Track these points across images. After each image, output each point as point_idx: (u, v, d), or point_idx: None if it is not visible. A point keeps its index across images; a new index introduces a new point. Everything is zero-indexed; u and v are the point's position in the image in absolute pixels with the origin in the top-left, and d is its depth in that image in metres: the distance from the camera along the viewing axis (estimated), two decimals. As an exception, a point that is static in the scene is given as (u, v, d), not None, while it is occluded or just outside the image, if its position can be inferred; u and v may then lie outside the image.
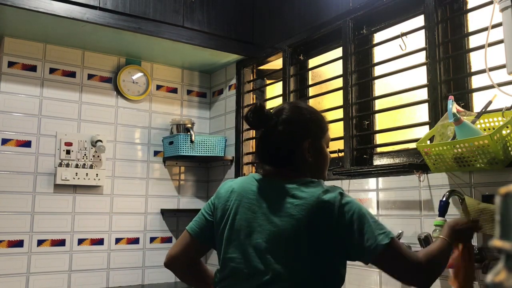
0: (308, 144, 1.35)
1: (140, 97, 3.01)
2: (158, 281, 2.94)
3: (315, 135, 1.38)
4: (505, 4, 1.49)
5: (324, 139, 1.42)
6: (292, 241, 1.23)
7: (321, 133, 1.41)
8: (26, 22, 2.46)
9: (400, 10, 2.12)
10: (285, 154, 1.36)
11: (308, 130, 1.38)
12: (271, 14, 2.84)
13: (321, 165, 1.41)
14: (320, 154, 1.40)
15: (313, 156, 1.37)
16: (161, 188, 3.04)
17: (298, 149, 1.35)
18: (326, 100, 2.54)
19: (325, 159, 1.42)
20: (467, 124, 1.54)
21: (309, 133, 1.37)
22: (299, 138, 1.36)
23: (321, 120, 1.43)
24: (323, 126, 1.43)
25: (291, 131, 1.36)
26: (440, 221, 1.56)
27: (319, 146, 1.39)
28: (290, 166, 1.36)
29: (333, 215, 1.22)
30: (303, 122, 1.38)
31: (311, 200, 1.23)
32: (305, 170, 1.36)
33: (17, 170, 2.59)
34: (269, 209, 1.29)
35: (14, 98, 2.63)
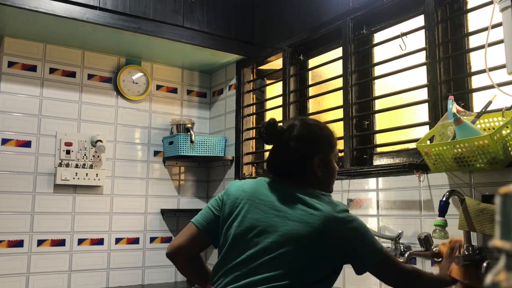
0: (319, 160, 1.42)
1: (140, 97, 3.01)
2: (158, 281, 2.95)
3: (325, 151, 1.45)
4: (505, 4, 1.49)
5: (333, 153, 1.48)
6: (303, 246, 1.29)
7: (331, 149, 1.47)
8: (26, 22, 2.46)
9: (400, 10, 2.12)
10: (296, 168, 1.42)
11: (319, 146, 1.44)
12: (271, 14, 2.84)
13: (329, 179, 1.48)
14: (329, 168, 1.46)
15: (322, 171, 1.43)
16: (161, 188, 3.04)
17: (309, 164, 1.41)
18: (326, 100, 2.54)
19: (333, 173, 1.49)
20: (467, 124, 1.54)
21: (320, 149, 1.44)
22: (310, 154, 1.42)
23: (331, 136, 1.49)
24: (332, 141, 1.49)
25: (302, 147, 1.42)
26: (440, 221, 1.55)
27: (328, 160, 1.45)
28: (299, 178, 1.42)
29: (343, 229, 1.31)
30: (314, 138, 1.45)
31: (327, 213, 1.31)
32: (313, 182, 1.42)
33: (17, 170, 2.59)
34: (283, 213, 1.34)
35: (14, 98, 2.63)
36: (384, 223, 2.00)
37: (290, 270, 1.28)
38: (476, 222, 1.56)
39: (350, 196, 2.17)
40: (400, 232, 1.88)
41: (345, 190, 2.20)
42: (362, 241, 1.32)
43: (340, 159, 2.27)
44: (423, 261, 1.82)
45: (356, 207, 2.13)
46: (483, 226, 1.54)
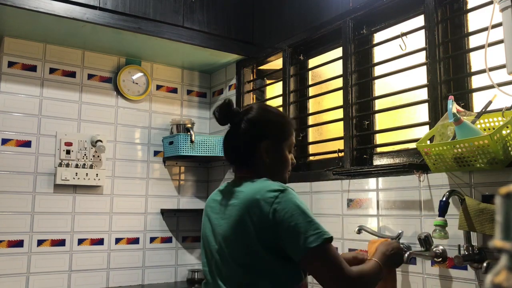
0: (266, 145, 1.38)
1: (140, 97, 3.01)
2: (158, 281, 2.94)
3: (274, 137, 1.40)
4: (505, 4, 1.49)
5: (285, 142, 1.42)
6: (229, 243, 1.27)
7: (282, 136, 1.42)
8: (26, 22, 2.46)
9: (400, 10, 2.12)
10: (245, 152, 1.39)
11: (268, 130, 1.40)
12: (271, 14, 2.84)
13: (278, 166, 1.41)
14: (278, 156, 1.40)
15: (270, 157, 1.38)
16: (161, 188, 3.04)
17: (257, 148, 1.37)
18: (326, 100, 2.54)
19: (284, 162, 1.42)
20: (467, 124, 1.54)
21: (269, 134, 1.39)
22: (258, 138, 1.38)
23: (285, 124, 1.44)
24: (285, 129, 1.43)
25: (251, 129, 1.39)
26: (440, 221, 1.56)
27: (279, 148, 1.40)
28: (250, 167, 1.39)
29: (264, 213, 1.22)
30: (265, 122, 1.41)
31: (245, 199, 1.26)
32: (263, 171, 1.38)
33: (17, 170, 2.59)
34: (219, 214, 1.35)
35: (14, 98, 2.63)
36: (384, 223, 2.00)
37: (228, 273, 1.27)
38: (476, 222, 1.56)
39: (350, 196, 2.17)
40: (400, 232, 1.88)
41: (345, 190, 2.20)
42: (288, 225, 1.20)
43: (340, 159, 2.27)
44: (423, 261, 1.82)
45: (356, 207, 2.14)
46: (483, 226, 1.54)
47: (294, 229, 1.19)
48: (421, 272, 1.82)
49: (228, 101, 1.41)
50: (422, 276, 1.82)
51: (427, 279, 1.80)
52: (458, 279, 1.69)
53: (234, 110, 1.42)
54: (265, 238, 1.23)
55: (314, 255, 1.19)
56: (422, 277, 1.82)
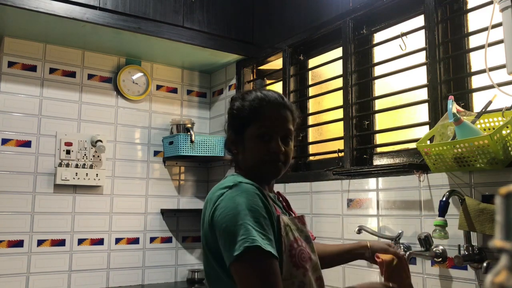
0: (230, 136, 1.26)
1: (140, 97, 3.01)
2: (158, 281, 2.94)
3: (234, 127, 1.24)
4: (505, 4, 1.49)
5: (250, 129, 1.21)
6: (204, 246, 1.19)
7: (242, 122, 1.22)
8: (26, 22, 2.46)
9: (400, 10, 2.12)
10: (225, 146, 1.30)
11: (230, 120, 1.27)
12: (271, 14, 2.84)
13: (248, 158, 1.22)
14: (243, 146, 1.22)
15: (237, 149, 1.24)
16: (161, 188, 3.04)
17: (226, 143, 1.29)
18: (326, 100, 2.54)
19: (251, 151, 1.21)
20: (467, 124, 1.54)
21: (231, 125, 1.27)
22: (227, 130, 1.28)
23: (246, 109, 1.22)
24: (247, 117, 1.22)
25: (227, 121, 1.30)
26: (440, 221, 1.56)
27: (241, 137, 1.22)
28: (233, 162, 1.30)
29: (206, 214, 1.14)
30: (229, 112, 1.29)
31: (207, 198, 1.20)
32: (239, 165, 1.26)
33: (17, 170, 2.59)
34: None
35: (14, 98, 2.63)
36: (384, 223, 2.00)
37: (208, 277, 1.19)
38: (476, 222, 1.56)
39: (350, 196, 2.17)
40: (400, 232, 1.88)
41: (345, 190, 2.20)
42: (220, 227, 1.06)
43: (340, 159, 2.27)
44: (423, 261, 1.82)
45: (356, 207, 2.14)
46: (483, 226, 1.54)
47: (223, 232, 1.05)
48: (421, 272, 1.82)
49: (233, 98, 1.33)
50: (422, 276, 1.82)
51: (427, 279, 1.80)
52: (458, 279, 1.69)
53: None
54: (209, 242, 1.13)
55: (235, 266, 1.02)
56: (422, 277, 1.82)
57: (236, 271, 1.02)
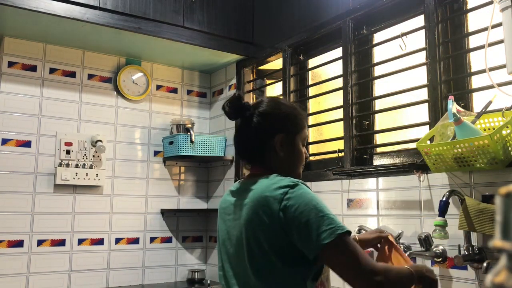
0: (281, 138, 1.32)
1: (140, 97, 3.01)
2: (158, 281, 2.94)
3: (288, 130, 1.35)
4: (505, 4, 1.49)
5: (299, 135, 1.37)
6: (242, 245, 1.23)
7: (296, 129, 1.36)
8: (26, 22, 2.46)
9: (400, 10, 2.12)
10: (258, 147, 1.34)
11: (282, 124, 1.35)
12: (271, 14, 2.84)
13: (293, 160, 1.36)
14: (293, 149, 1.35)
15: (285, 151, 1.33)
16: (161, 188, 3.04)
17: (270, 142, 1.32)
18: (326, 100, 2.54)
19: (298, 155, 1.37)
20: (467, 124, 1.54)
21: (283, 127, 1.34)
22: (272, 131, 1.33)
23: (297, 116, 1.38)
24: (299, 123, 1.38)
25: (264, 123, 1.33)
26: (440, 221, 1.56)
27: (292, 141, 1.35)
28: (263, 162, 1.34)
29: (274, 212, 1.18)
30: (278, 115, 1.35)
31: (254, 198, 1.22)
32: (277, 166, 1.33)
33: (17, 170, 2.59)
34: (232, 215, 1.31)
35: (14, 98, 2.63)
36: (384, 223, 2.00)
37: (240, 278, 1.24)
38: (476, 222, 1.56)
39: (350, 196, 2.17)
40: (400, 232, 1.88)
41: (345, 190, 2.20)
42: (299, 222, 1.15)
43: (340, 159, 2.27)
44: (423, 261, 1.82)
45: (356, 207, 2.14)
46: (483, 226, 1.54)
47: (305, 226, 1.14)
48: (421, 272, 1.82)
49: (238, 95, 1.36)
50: (422, 276, 1.82)
51: (427, 279, 1.80)
52: (458, 279, 1.69)
53: (245, 104, 1.35)
54: (275, 239, 1.19)
55: (329, 252, 1.14)
56: (422, 277, 1.82)
57: (334, 253, 1.14)
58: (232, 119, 1.37)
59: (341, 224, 1.15)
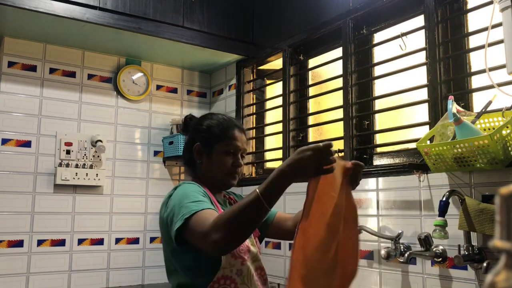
0: (198, 147, 1.50)
1: (140, 97, 3.01)
2: (158, 281, 2.94)
3: (204, 140, 1.50)
4: (505, 4, 1.49)
5: (218, 144, 1.48)
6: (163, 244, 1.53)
7: (212, 139, 1.49)
8: (26, 22, 2.46)
9: (400, 10, 2.12)
10: (185, 156, 1.56)
11: (198, 134, 1.52)
12: (271, 14, 2.84)
13: (213, 169, 1.48)
14: (210, 159, 1.48)
15: (202, 160, 1.50)
16: (161, 188, 3.04)
17: (191, 152, 1.51)
18: (326, 100, 2.54)
19: (216, 164, 1.48)
20: (467, 124, 1.54)
21: (199, 137, 1.51)
22: (191, 141, 1.53)
23: (217, 127, 1.50)
24: (215, 132, 1.50)
25: (189, 135, 1.56)
26: (440, 221, 1.56)
27: (210, 150, 1.49)
28: (192, 170, 1.55)
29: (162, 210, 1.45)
30: (196, 127, 1.55)
31: None
32: (200, 173, 1.51)
33: (17, 170, 2.59)
34: None
35: (14, 98, 2.63)
36: (384, 223, 2.00)
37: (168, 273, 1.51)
38: (476, 222, 1.56)
39: (350, 196, 2.17)
40: (400, 232, 1.88)
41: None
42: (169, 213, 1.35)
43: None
44: (423, 261, 1.82)
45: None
46: (483, 226, 1.54)
47: (169, 220, 1.34)
48: (421, 272, 1.82)
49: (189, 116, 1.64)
50: (422, 276, 1.82)
51: (427, 279, 1.80)
52: (458, 279, 1.69)
53: (186, 121, 1.63)
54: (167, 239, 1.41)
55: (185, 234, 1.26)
56: (422, 277, 1.82)
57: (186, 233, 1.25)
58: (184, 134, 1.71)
59: (192, 208, 1.24)
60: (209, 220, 1.18)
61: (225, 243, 1.16)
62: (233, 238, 1.16)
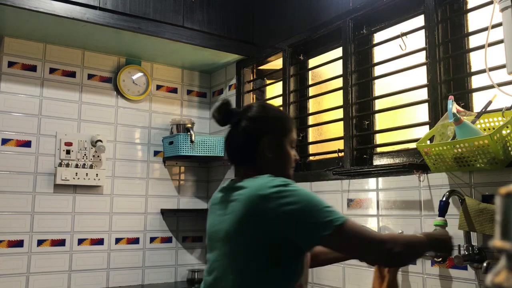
0: (268, 141, 1.38)
1: (140, 97, 3.01)
2: (158, 281, 2.94)
3: (275, 132, 1.40)
4: (505, 4, 1.49)
5: (286, 138, 1.42)
6: (230, 241, 1.27)
7: (283, 132, 1.42)
8: (26, 22, 2.46)
9: (400, 10, 2.12)
10: (247, 150, 1.39)
11: (268, 126, 1.40)
12: (271, 14, 2.84)
13: (281, 162, 1.41)
14: (280, 151, 1.40)
15: (272, 153, 1.38)
16: (161, 188, 3.04)
17: (258, 145, 1.38)
18: (326, 100, 2.54)
19: (286, 157, 1.42)
20: (467, 124, 1.54)
21: (270, 130, 1.40)
22: (259, 134, 1.38)
23: (284, 120, 1.45)
24: (285, 126, 1.44)
25: (252, 127, 1.39)
26: (440, 221, 1.56)
27: (280, 144, 1.40)
28: (253, 165, 1.38)
29: (267, 210, 1.21)
30: (264, 118, 1.42)
31: (247, 196, 1.25)
32: (267, 168, 1.36)
33: (17, 170, 2.59)
34: (221, 211, 1.35)
35: (14, 98, 2.63)
36: (384, 223, 2.00)
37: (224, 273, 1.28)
38: (476, 222, 1.56)
39: (350, 196, 2.17)
40: (400, 232, 1.88)
41: (345, 190, 2.20)
42: (296, 218, 1.20)
43: (340, 159, 2.27)
44: (423, 261, 1.82)
45: (356, 207, 2.14)
46: (483, 226, 1.54)
47: (304, 222, 1.20)
48: (421, 272, 1.82)
49: (226, 101, 1.41)
50: (422, 276, 1.82)
51: (427, 279, 1.80)
52: (458, 279, 1.69)
53: (233, 110, 1.42)
54: (267, 236, 1.22)
55: (332, 241, 1.21)
56: (422, 277, 1.82)
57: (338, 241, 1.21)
58: (221, 125, 1.44)
59: (337, 215, 1.21)
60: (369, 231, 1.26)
61: (397, 256, 1.24)
62: (404, 256, 1.28)
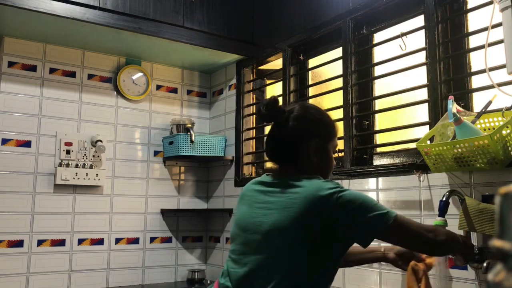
0: (315, 144, 1.37)
1: (140, 97, 3.01)
2: (158, 281, 2.94)
3: (322, 137, 1.40)
4: (505, 4, 1.49)
5: (331, 143, 1.43)
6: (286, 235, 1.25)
7: (329, 136, 1.43)
8: (26, 22, 2.46)
9: (400, 10, 2.12)
10: (292, 150, 1.38)
11: (317, 130, 1.40)
12: (271, 14, 2.84)
13: (325, 167, 1.41)
14: (325, 156, 1.40)
15: (318, 157, 1.37)
16: (161, 188, 3.04)
17: (305, 147, 1.37)
18: (326, 100, 2.54)
19: (329, 162, 1.43)
20: (467, 124, 1.54)
21: (317, 133, 1.40)
22: (307, 136, 1.38)
23: (331, 125, 1.45)
24: (332, 130, 1.45)
25: (300, 127, 1.39)
26: (440, 221, 1.55)
27: (325, 148, 1.40)
28: (295, 165, 1.38)
29: (328, 209, 1.23)
30: (314, 121, 1.42)
31: (308, 193, 1.25)
32: (309, 170, 1.36)
33: (17, 170, 2.59)
34: (261, 204, 1.33)
35: (14, 98, 2.63)
36: (384, 223, 2.00)
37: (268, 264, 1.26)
38: (476, 222, 1.55)
39: (350, 196, 2.17)
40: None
41: (345, 190, 2.19)
42: (356, 215, 1.24)
43: (340, 159, 2.27)
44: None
45: (356, 207, 2.13)
46: (483, 226, 1.54)
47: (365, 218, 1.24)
48: (421, 272, 1.82)
49: (275, 98, 1.39)
50: (422, 276, 1.82)
51: (427, 279, 1.80)
52: (458, 279, 1.69)
53: (281, 108, 1.40)
54: (324, 234, 1.24)
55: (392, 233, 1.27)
56: (422, 277, 1.82)
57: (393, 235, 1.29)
58: (266, 121, 1.45)
59: (389, 209, 1.28)
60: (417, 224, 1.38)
61: (440, 245, 1.35)
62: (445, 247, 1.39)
